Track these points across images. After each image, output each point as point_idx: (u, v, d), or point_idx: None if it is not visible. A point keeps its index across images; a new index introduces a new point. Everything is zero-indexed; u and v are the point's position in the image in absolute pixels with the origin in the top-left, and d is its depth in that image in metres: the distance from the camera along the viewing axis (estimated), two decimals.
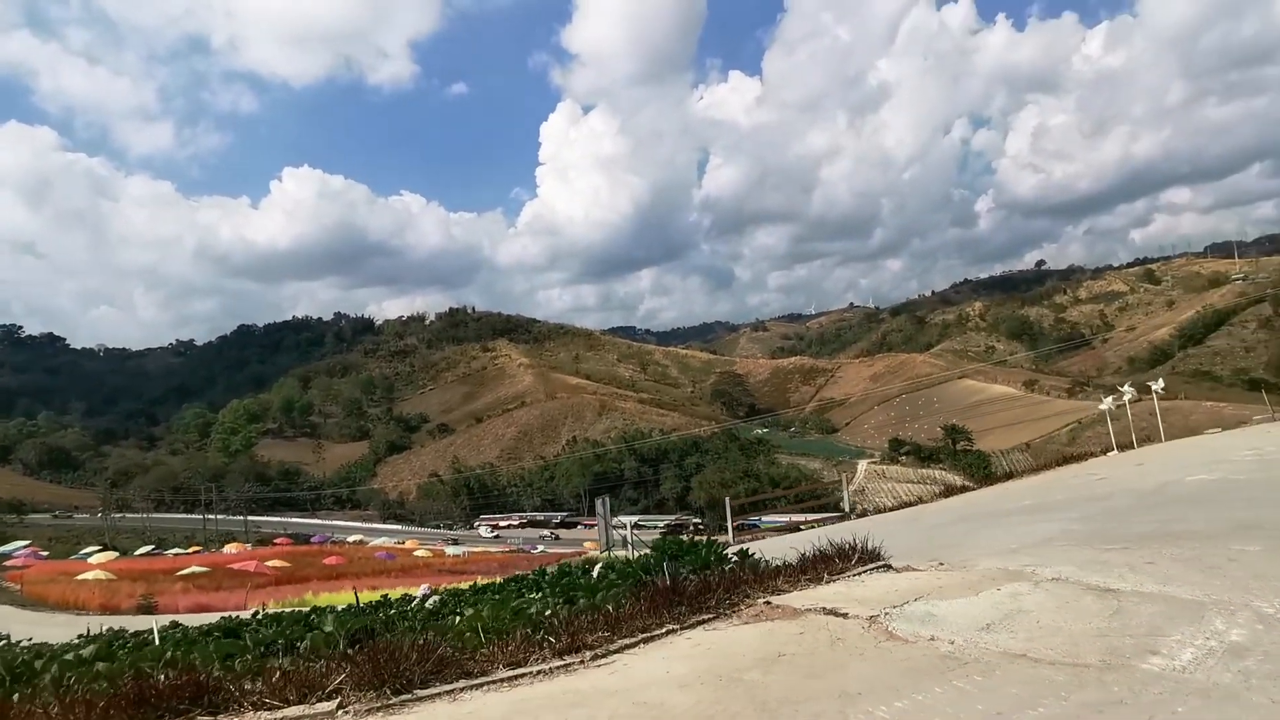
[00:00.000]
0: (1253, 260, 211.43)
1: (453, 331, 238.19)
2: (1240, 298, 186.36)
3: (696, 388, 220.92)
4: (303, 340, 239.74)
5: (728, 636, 3.79)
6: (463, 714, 2.96)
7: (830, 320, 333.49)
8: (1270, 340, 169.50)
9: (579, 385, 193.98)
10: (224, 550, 63.94)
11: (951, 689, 3.07)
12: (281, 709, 2.95)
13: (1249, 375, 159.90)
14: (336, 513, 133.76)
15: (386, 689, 3.05)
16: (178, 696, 2.85)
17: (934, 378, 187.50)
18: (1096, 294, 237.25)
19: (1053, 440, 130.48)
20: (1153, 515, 8.02)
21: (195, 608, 28.70)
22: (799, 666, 3.35)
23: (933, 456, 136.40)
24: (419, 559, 62.36)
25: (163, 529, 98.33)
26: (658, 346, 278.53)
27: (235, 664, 3.64)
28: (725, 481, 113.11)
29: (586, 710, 2.94)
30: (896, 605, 4.24)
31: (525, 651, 3.42)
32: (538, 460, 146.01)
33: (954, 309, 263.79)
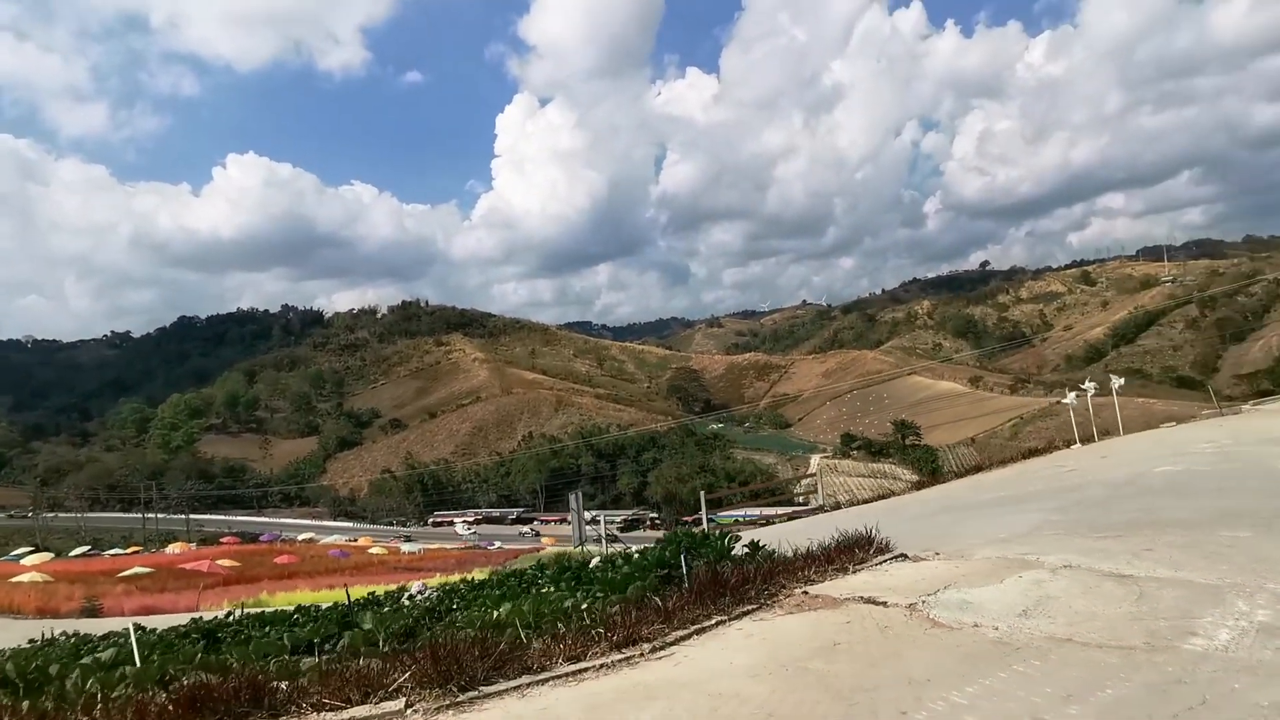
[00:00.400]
0: (1181, 264, 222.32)
1: (406, 325, 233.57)
2: (1169, 300, 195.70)
3: (653, 383, 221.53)
4: (248, 333, 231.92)
5: (776, 627, 3.81)
6: (534, 710, 2.91)
7: (784, 317, 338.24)
8: (1196, 340, 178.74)
9: (535, 380, 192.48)
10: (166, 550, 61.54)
11: (1014, 674, 3.15)
12: (345, 709, 2.85)
13: (1176, 373, 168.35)
14: (284, 510, 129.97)
15: (452, 686, 2.97)
16: (238, 699, 2.72)
17: (884, 374, 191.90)
18: (1037, 294, 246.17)
19: (996, 435, 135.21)
20: (1130, 505, 8.36)
21: (141, 610, 27.54)
22: (858, 655, 3.39)
23: (883, 451, 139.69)
24: (374, 557, 61.07)
25: (99, 529, 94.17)
26: (614, 342, 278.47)
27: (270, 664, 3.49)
28: (682, 476, 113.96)
29: (662, 703, 2.92)
30: (930, 593, 4.32)
31: (582, 645, 3.37)
32: (493, 456, 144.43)
33: (903, 307, 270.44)
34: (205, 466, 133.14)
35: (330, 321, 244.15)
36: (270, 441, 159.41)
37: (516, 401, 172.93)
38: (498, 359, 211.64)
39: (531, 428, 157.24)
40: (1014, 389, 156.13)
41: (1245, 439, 11.31)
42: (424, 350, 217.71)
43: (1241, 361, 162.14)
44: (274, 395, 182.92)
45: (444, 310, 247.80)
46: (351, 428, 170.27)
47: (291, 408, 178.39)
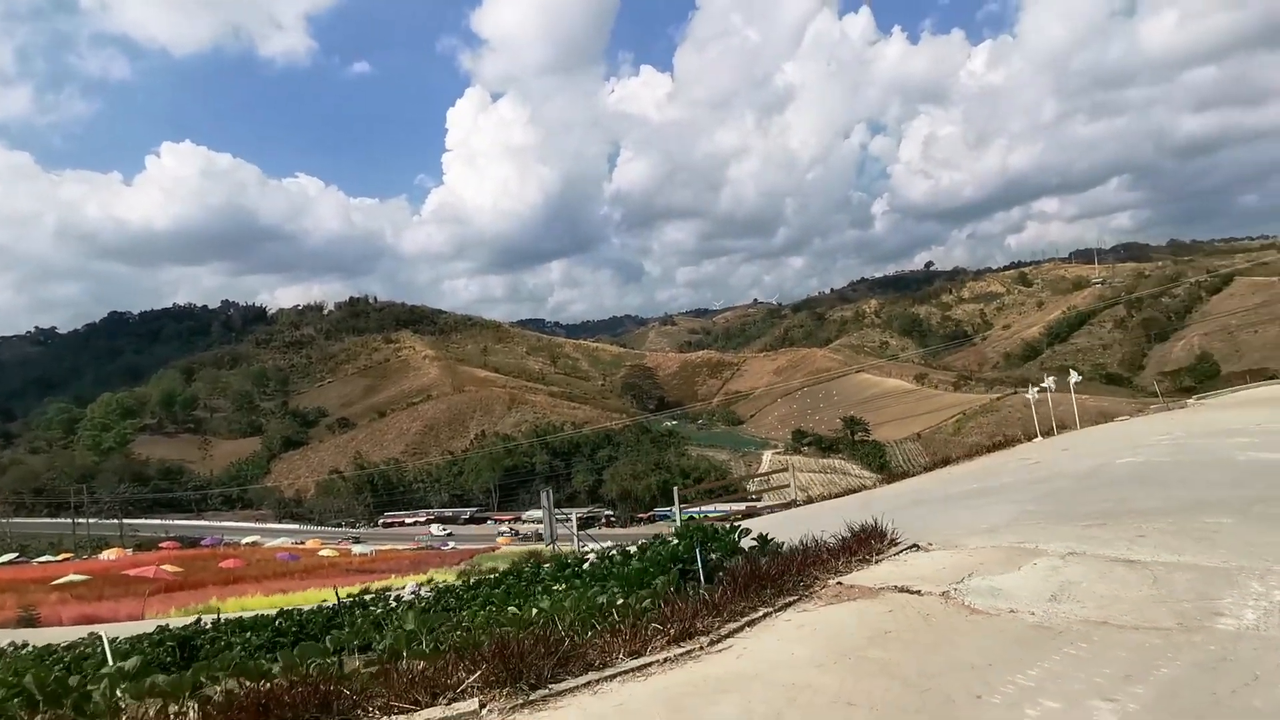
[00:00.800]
0: (1110, 266, 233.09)
1: (353, 322, 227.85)
2: (1099, 300, 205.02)
3: (607, 381, 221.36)
4: (185, 329, 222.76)
5: (823, 617, 3.85)
6: (611, 706, 2.87)
7: (735, 316, 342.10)
8: (1123, 339, 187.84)
9: (487, 378, 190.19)
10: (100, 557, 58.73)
11: (1066, 656, 3.25)
12: (415, 711, 2.76)
13: (1106, 371, 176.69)
14: (225, 514, 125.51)
15: (522, 685, 2.91)
16: (304, 704, 2.60)
17: (833, 372, 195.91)
18: (977, 294, 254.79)
19: (940, 431, 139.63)
20: (1101, 495, 8.72)
21: (81, 619, 26.25)
22: (911, 643, 3.45)
23: (833, 447, 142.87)
24: (325, 559, 59.59)
25: (25, 535, 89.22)
26: (568, 339, 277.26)
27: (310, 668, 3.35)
28: (637, 474, 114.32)
29: (738, 695, 2.92)
30: (957, 582, 4.43)
31: (640, 640, 3.34)
32: (445, 455, 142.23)
33: (851, 306, 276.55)
34: (140, 468, 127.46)
35: (274, 318, 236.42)
36: (210, 442, 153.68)
37: (468, 400, 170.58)
38: (449, 356, 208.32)
39: (484, 426, 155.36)
40: (957, 386, 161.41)
41: (1197, 431, 11.92)
42: (372, 348, 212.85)
43: (1165, 360, 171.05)
44: (214, 394, 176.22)
45: (393, 307, 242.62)
46: (297, 427, 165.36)
47: (233, 407, 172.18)
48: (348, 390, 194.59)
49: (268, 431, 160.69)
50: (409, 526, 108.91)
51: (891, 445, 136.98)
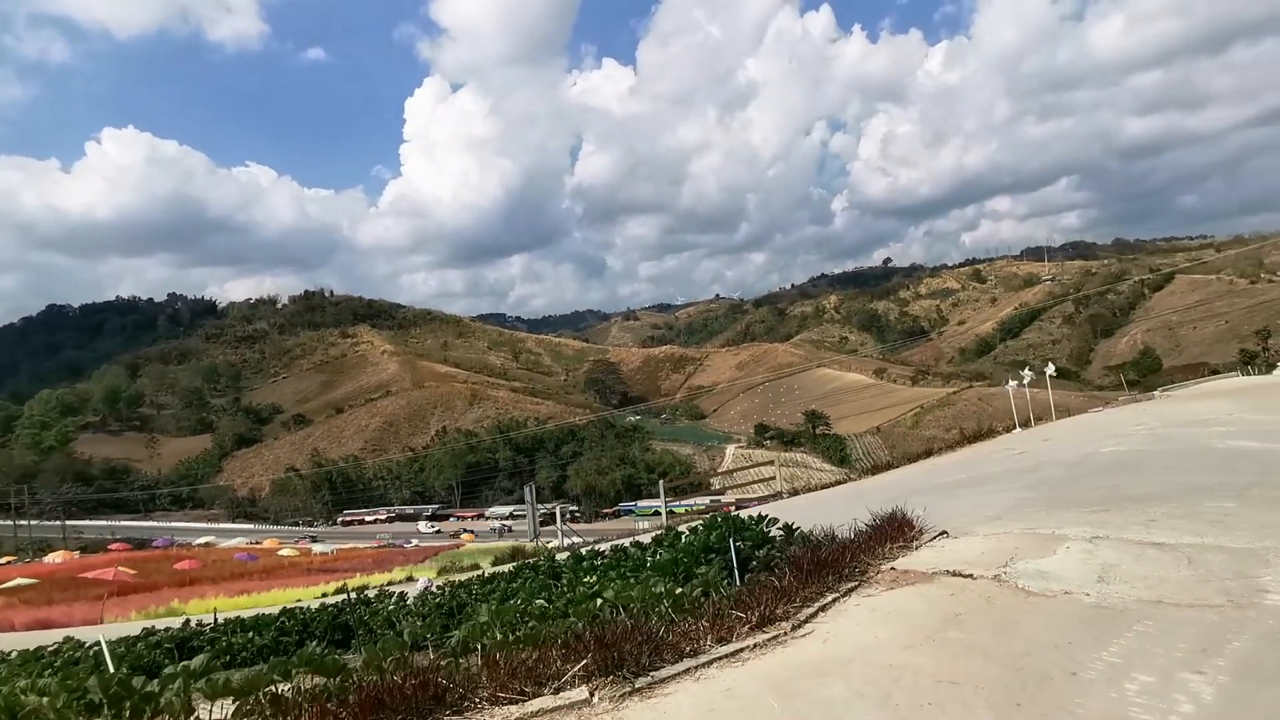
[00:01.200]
0: (1059, 263, 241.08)
1: (308, 316, 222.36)
2: (1049, 297, 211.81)
3: (570, 376, 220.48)
4: (129, 324, 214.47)
5: (889, 601, 3.92)
6: (718, 692, 2.88)
7: (698, 311, 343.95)
8: (1072, 334, 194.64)
9: (448, 374, 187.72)
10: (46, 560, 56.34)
11: (1138, 634, 3.37)
12: (525, 701, 2.73)
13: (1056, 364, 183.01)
14: (175, 513, 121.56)
15: (624, 673, 2.89)
16: (418, 697, 2.55)
17: (795, 366, 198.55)
18: (934, 290, 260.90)
19: (899, 424, 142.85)
20: (1095, 482, 9.04)
21: (35, 624, 25.11)
22: (984, 625, 3.54)
23: (795, 440, 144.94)
24: (284, 559, 58.14)
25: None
26: (530, 334, 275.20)
27: (389, 663, 3.28)
28: (602, 469, 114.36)
29: (839, 678, 2.96)
30: (1002, 566, 4.55)
31: (723, 627, 3.36)
32: (405, 452, 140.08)
33: (811, 302, 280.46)
34: (83, 468, 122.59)
35: (225, 312, 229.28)
36: (157, 440, 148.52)
37: (429, 395, 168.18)
38: (408, 352, 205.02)
39: (445, 422, 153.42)
40: (915, 380, 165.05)
41: (1171, 422, 12.44)
42: (329, 342, 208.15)
43: (1110, 354, 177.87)
44: (161, 390, 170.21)
45: (350, 300, 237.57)
46: (250, 424, 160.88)
47: (181, 404, 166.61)
48: (303, 386, 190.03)
49: (219, 429, 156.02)
50: (369, 524, 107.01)
51: (852, 439, 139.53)
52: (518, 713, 2.65)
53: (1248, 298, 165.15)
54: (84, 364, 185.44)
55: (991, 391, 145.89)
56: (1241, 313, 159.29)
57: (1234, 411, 12.20)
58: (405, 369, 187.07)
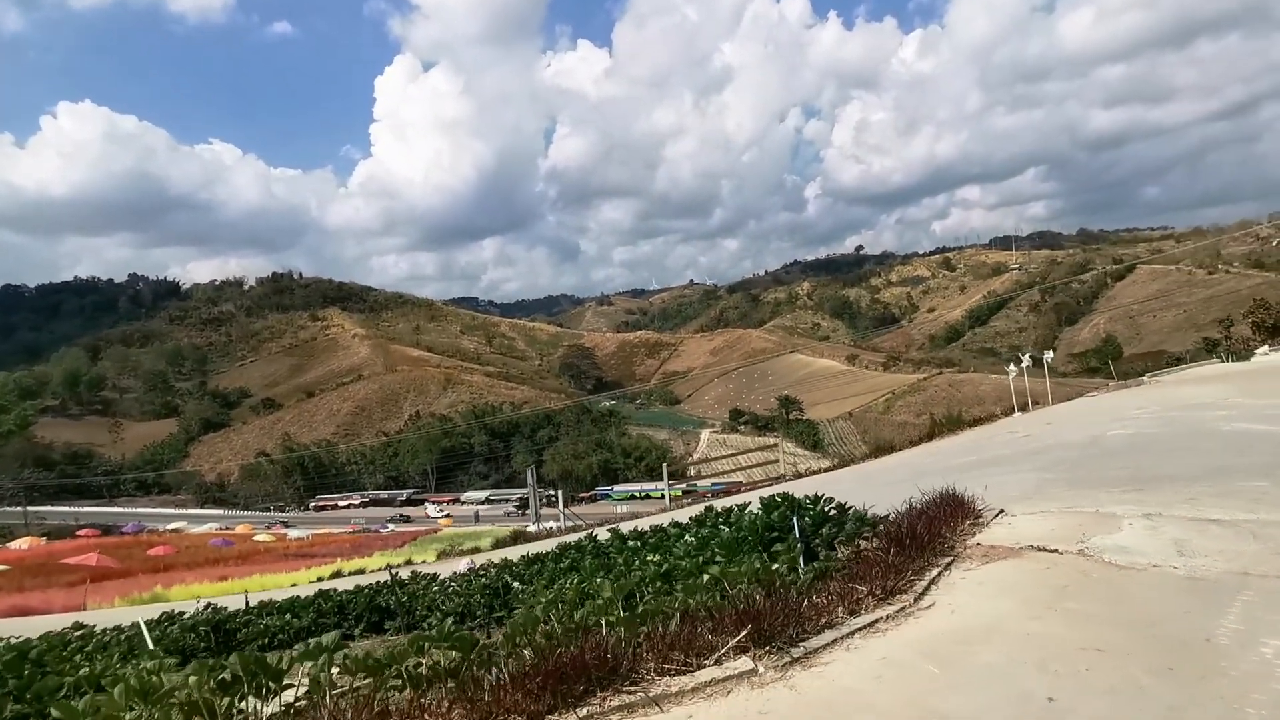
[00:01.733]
0: (1026, 252, 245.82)
1: (277, 299, 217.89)
2: (1016, 285, 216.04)
3: (544, 361, 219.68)
4: (89, 305, 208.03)
5: (991, 575, 4.03)
6: (873, 660, 2.95)
7: (672, 296, 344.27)
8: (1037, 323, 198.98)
9: (420, 358, 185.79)
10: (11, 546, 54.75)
11: (1247, 602, 3.52)
12: (693, 672, 2.76)
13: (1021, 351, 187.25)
14: (141, 499, 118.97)
15: (776, 645, 2.95)
16: (596, 669, 2.57)
17: (768, 352, 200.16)
18: (905, 278, 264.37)
19: (871, 410, 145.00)
20: (1113, 464, 9.30)
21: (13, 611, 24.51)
22: (1095, 596, 3.66)
23: (768, 425, 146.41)
24: (259, 544, 57.31)
25: None
26: (503, 318, 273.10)
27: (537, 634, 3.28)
28: (578, 454, 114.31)
29: (984, 646, 3.05)
30: (1078, 542, 4.69)
31: (852, 600, 3.43)
32: (379, 437, 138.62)
33: (785, 288, 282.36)
34: (44, 453, 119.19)
35: (189, 293, 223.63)
36: (120, 424, 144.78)
37: (401, 380, 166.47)
38: (380, 335, 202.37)
39: (419, 407, 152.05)
40: (886, 367, 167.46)
41: (1170, 406, 12.84)
42: (298, 325, 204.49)
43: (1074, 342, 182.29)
44: (123, 374, 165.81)
45: (320, 283, 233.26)
46: (217, 409, 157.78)
47: (145, 387, 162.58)
48: (272, 370, 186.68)
49: (185, 413, 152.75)
50: (343, 509, 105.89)
51: (824, 424, 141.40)
52: (691, 683, 2.69)
53: (1205, 288, 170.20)
54: (41, 346, 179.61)
55: (961, 378, 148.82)
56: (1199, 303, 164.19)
57: (1229, 396, 12.63)
58: (377, 353, 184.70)
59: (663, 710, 2.52)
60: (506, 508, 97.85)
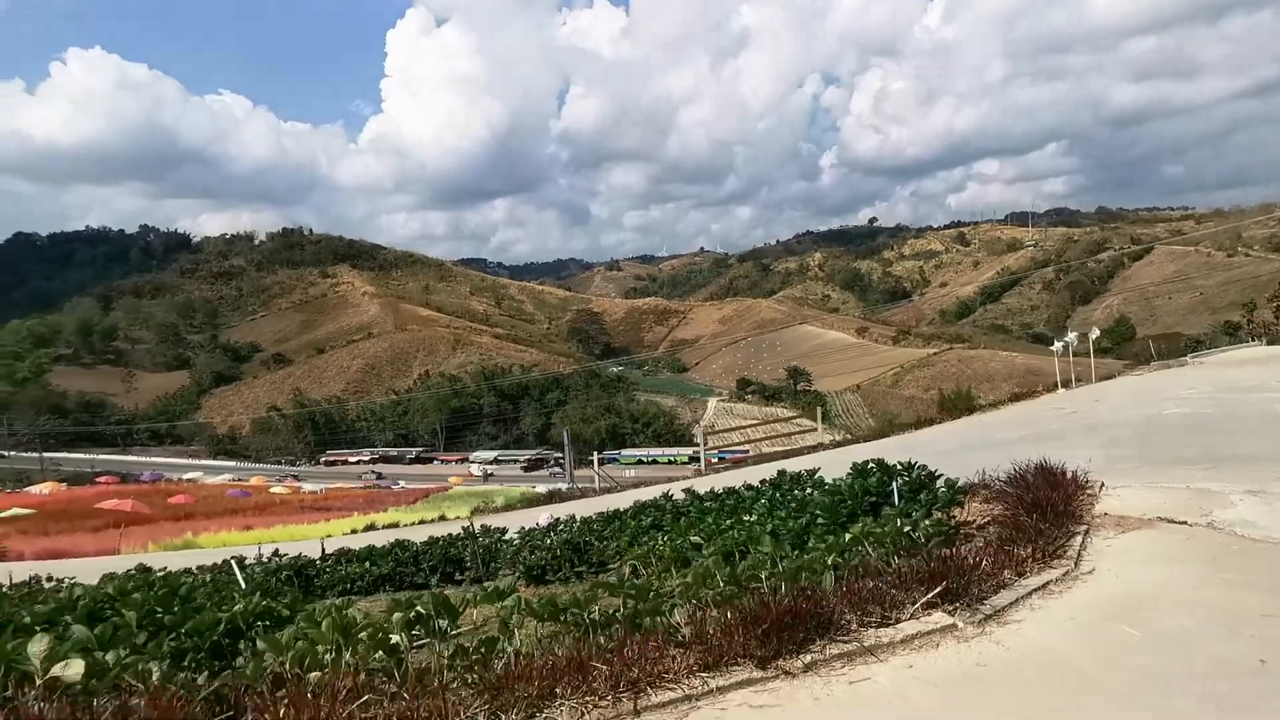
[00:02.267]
0: (1042, 229, 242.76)
1: (287, 254, 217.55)
2: (1031, 262, 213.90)
3: (553, 324, 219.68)
4: (100, 255, 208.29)
5: (1133, 543, 4.09)
6: (1060, 619, 3.03)
7: (682, 263, 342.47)
8: (1050, 301, 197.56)
9: (430, 317, 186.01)
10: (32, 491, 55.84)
11: None
12: (895, 624, 2.85)
13: (1032, 330, 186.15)
14: (154, 449, 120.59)
15: (965, 601, 3.03)
16: (808, 619, 2.65)
17: (777, 323, 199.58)
18: (918, 251, 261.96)
19: (879, 383, 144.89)
20: (1177, 441, 9.32)
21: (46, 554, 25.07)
22: (1250, 567, 3.71)
23: (775, 396, 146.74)
24: (275, 496, 58.25)
25: None
26: (512, 281, 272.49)
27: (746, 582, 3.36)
28: (587, 417, 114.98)
29: (1172, 611, 3.11)
30: (1205, 514, 4.73)
31: (1015, 562, 3.50)
32: (388, 394, 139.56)
33: (796, 259, 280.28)
34: (58, 401, 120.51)
35: (199, 246, 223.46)
36: (134, 375, 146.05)
37: (411, 339, 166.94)
38: (389, 294, 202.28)
39: (428, 366, 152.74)
40: (896, 340, 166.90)
41: (1222, 387, 12.81)
42: (308, 282, 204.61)
43: (1086, 322, 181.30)
44: (135, 325, 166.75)
45: (330, 240, 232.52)
46: (228, 362, 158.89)
47: (156, 339, 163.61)
48: (282, 325, 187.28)
49: (196, 366, 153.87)
50: (352, 465, 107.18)
51: (832, 395, 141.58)
52: (897, 635, 2.77)
53: (1223, 271, 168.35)
54: (53, 295, 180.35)
55: (971, 354, 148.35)
56: (1216, 286, 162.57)
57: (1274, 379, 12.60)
58: (387, 311, 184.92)
59: (880, 660, 2.60)
60: (484, 469, 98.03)
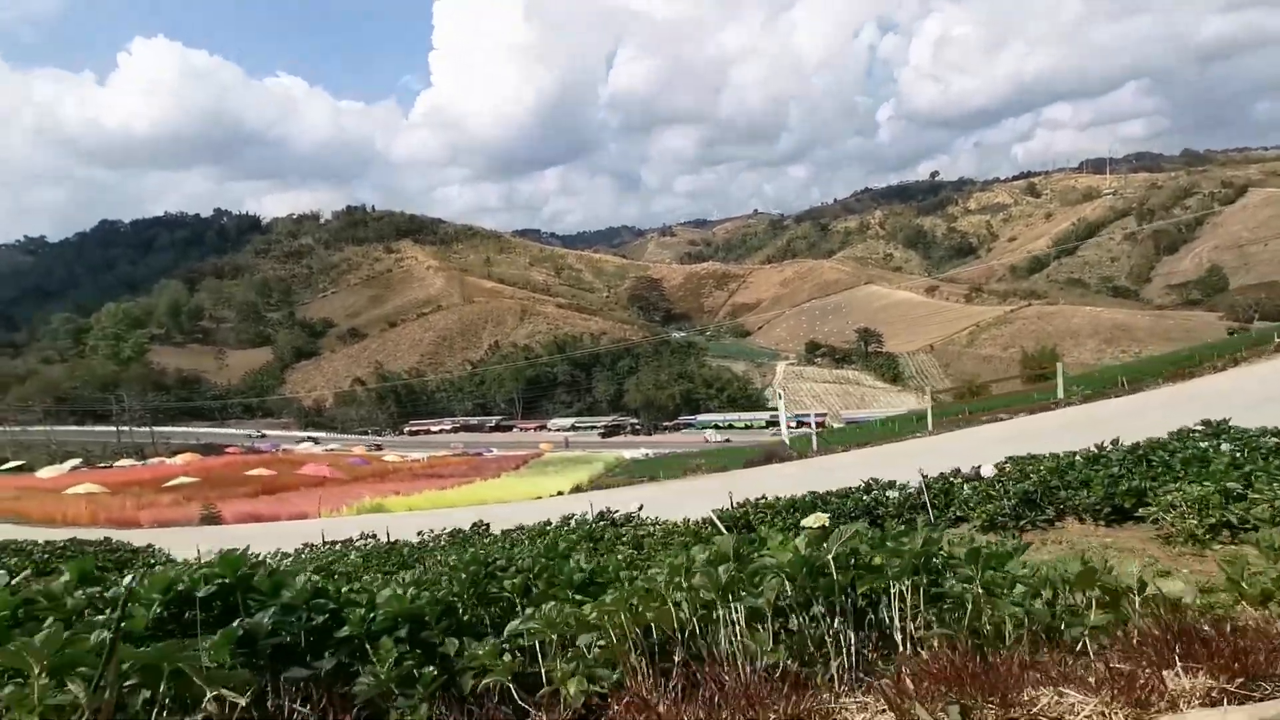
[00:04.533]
0: (1122, 176, 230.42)
1: (351, 231, 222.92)
2: (1109, 211, 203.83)
3: (611, 292, 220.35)
4: (179, 239, 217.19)
5: None
6: None
7: (736, 227, 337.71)
8: (1132, 252, 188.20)
9: (494, 289, 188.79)
10: (169, 461, 59.51)
11: None
12: None
13: (1113, 283, 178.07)
14: (248, 421, 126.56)
15: None
16: None
17: (841, 284, 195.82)
18: (984, 205, 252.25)
19: (953, 343, 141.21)
20: None
21: (248, 517, 26.91)
22: None
23: (846, 359, 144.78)
24: (391, 464, 60.78)
25: (65, 443, 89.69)
26: (569, 250, 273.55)
27: None
28: (661, 384, 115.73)
29: None
30: None
31: None
32: (463, 365, 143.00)
33: (855, 218, 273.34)
34: (158, 378, 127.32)
35: (270, 227, 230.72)
36: (224, 352, 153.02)
37: (479, 310, 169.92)
38: (452, 267, 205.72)
39: (497, 337, 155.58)
40: (969, 299, 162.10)
41: None
42: (374, 258, 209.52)
43: (1173, 273, 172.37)
44: (218, 305, 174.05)
45: (392, 216, 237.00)
46: (306, 338, 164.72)
47: (238, 317, 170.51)
48: (352, 301, 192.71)
49: (277, 342, 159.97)
50: (435, 434, 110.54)
51: (905, 357, 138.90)
52: None
53: None
54: (138, 278, 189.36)
55: (1051, 310, 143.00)
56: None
57: None
58: (452, 284, 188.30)
59: None
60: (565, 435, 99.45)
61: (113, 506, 32.11)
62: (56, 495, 32.36)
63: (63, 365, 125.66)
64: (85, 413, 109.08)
